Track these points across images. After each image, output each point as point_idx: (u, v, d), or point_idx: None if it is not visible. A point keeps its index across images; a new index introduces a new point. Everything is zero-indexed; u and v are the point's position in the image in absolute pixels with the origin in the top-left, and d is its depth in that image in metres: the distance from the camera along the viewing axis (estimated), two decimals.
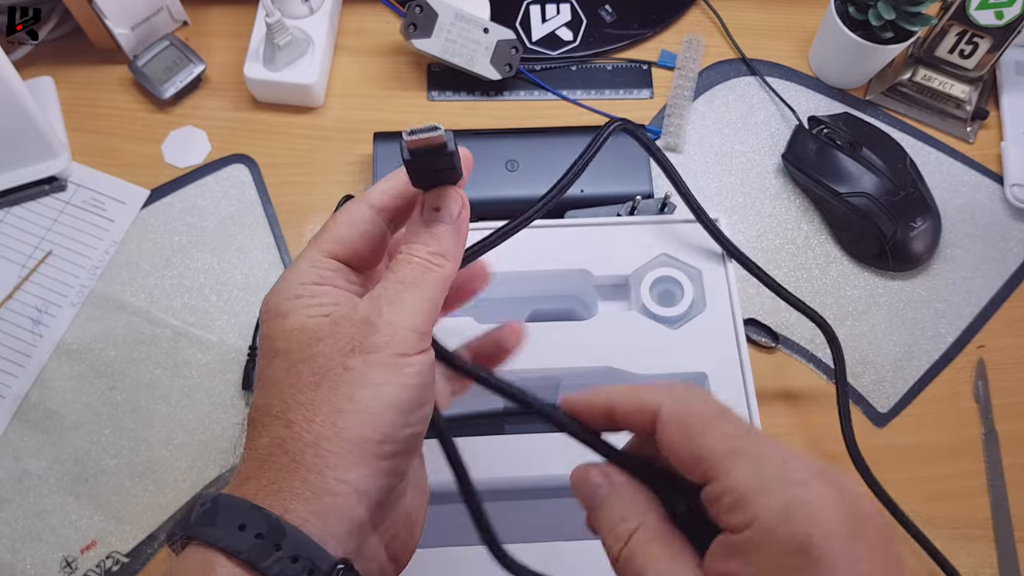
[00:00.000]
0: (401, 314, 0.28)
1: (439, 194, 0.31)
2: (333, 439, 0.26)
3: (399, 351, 0.27)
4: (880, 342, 0.59)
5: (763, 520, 0.21)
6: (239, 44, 0.66)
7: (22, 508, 0.53)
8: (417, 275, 0.29)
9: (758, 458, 0.22)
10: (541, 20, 0.69)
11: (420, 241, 0.30)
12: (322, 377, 0.27)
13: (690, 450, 0.24)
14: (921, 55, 0.66)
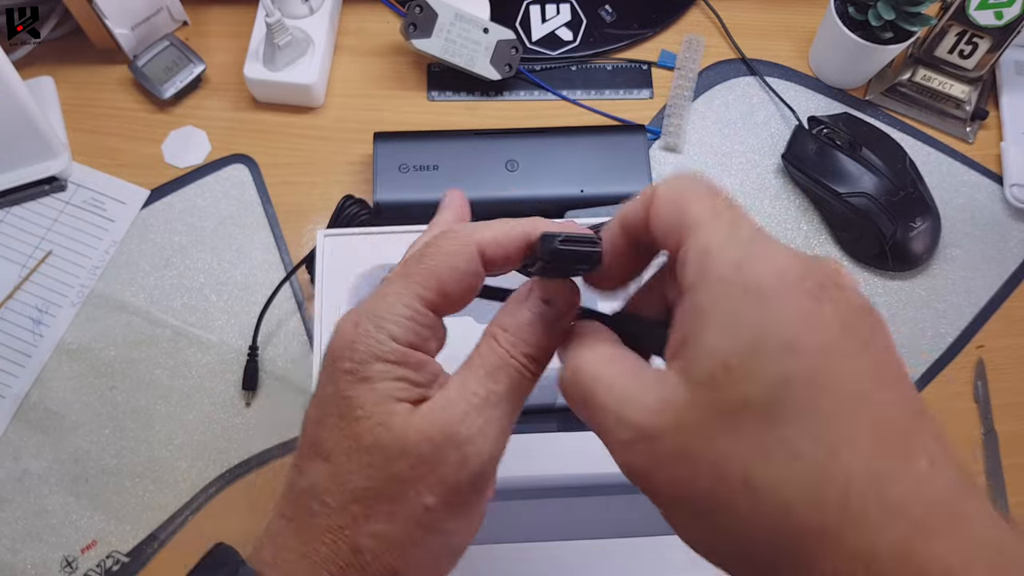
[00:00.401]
0: (493, 440, 0.25)
1: (555, 287, 0.27)
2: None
3: (479, 489, 0.25)
4: None
5: (716, 270, 0.20)
6: (239, 44, 0.66)
7: (22, 508, 0.53)
8: (513, 385, 0.26)
9: (733, 223, 0.22)
10: (541, 20, 0.69)
11: (522, 337, 0.26)
12: (399, 507, 0.24)
13: (676, 217, 0.23)
14: (921, 55, 0.66)
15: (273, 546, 0.25)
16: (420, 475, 0.24)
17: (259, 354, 0.57)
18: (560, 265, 0.25)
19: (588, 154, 0.61)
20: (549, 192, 0.60)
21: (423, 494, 0.24)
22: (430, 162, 0.60)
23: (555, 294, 0.27)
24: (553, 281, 0.27)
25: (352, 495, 0.25)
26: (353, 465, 0.25)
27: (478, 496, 0.26)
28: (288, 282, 0.59)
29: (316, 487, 0.25)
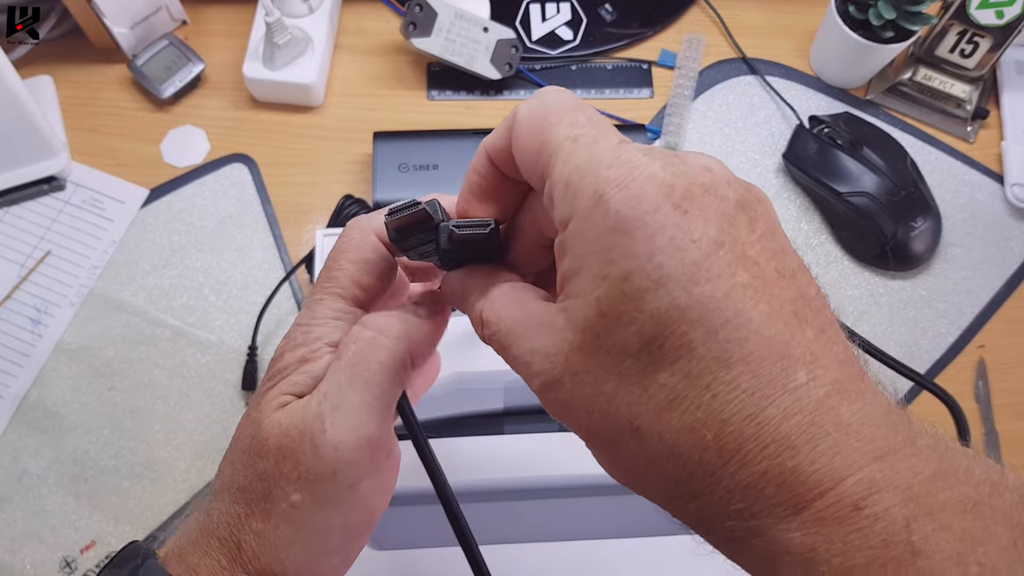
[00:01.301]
0: (346, 425, 0.24)
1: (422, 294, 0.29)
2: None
3: (347, 482, 0.24)
4: (880, 342, 0.59)
5: (580, 207, 0.19)
6: (238, 43, 0.66)
7: (21, 508, 0.53)
8: (364, 359, 0.25)
9: (590, 143, 0.20)
10: (541, 19, 0.69)
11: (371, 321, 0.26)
12: (271, 505, 0.25)
13: (535, 144, 0.21)
14: (922, 54, 0.66)
15: (181, 540, 0.26)
16: (283, 472, 0.24)
17: (258, 354, 0.57)
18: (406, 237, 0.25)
19: None
20: None
21: (288, 491, 0.24)
22: (430, 162, 0.60)
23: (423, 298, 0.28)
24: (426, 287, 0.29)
25: (236, 494, 0.26)
26: (237, 465, 0.26)
27: (348, 489, 0.24)
28: (287, 282, 0.59)
29: (219, 487, 0.27)
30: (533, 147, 0.21)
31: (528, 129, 0.22)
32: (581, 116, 0.21)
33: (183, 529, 0.27)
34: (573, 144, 0.20)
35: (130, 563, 0.25)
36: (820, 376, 0.18)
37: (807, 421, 0.18)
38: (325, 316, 0.27)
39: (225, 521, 0.26)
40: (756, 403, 0.18)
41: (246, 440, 0.26)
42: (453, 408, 0.49)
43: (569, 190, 0.20)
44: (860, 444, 0.18)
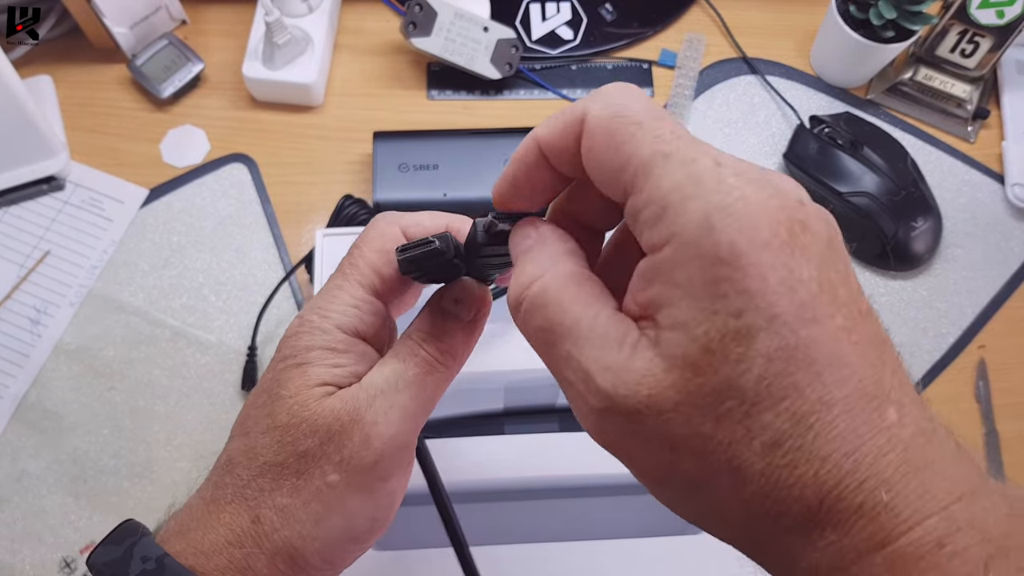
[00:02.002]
0: (397, 424, 0.26)
1: (463, 287, 0.28)
2: (285, 557, 0.25)
3: (382, 475, 0.26)
4: None
5: (684, 232, 0.18)
6: (238, 43, 0.66)
7: (21, 508, 0.53)
8: (421, 374, 0.27)
9: (687, 163, 0.19)
10: (541, 19, 0.69)
11: (431, 333, 0.28)
12: (304, 482, 0.26)
13: (616, 159, 0.20)
14: (922, 54, 0.66)
15: (183, 517, 0.26)
16: (326, 453, 0.25)
17: (258, 354, 0.57)
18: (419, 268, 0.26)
19: None
20: None
21: (327, 471, 0.25)
22: (430, 161, 0.60)
23: (463, 294, 0.28)
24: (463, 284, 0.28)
25: (261, 469, 0.26)
26: (267, 440, 0.26)
27: (381, 482, 0.26)
28: (287, 282, 0.59)
29: (231, 461, 0.27)
30: (613, 161, 0.20)
31: (605, 140, 0.21)
32: (665, 128, 0.20)
33: (185, 505, 0.27)
34: (666, 161, 0.19)
35: (127, 540, 0.25)
36: (907, 415, 0.19)
37: (899, 459, 0.18)
38: (344, 303, 0.27)
39: (242, 495, 0.26)
40: (853, 442, 0.18)
41: (282, 417, 0.26)
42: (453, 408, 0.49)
43: (668, 213, 0.19)
44: (945, 483, 0.18)
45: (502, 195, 0.25)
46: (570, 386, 0.21)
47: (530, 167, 0.24)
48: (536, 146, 0.23)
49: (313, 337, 0.27)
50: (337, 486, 0.25)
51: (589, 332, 0.20)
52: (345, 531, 0.26)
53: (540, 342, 0.22)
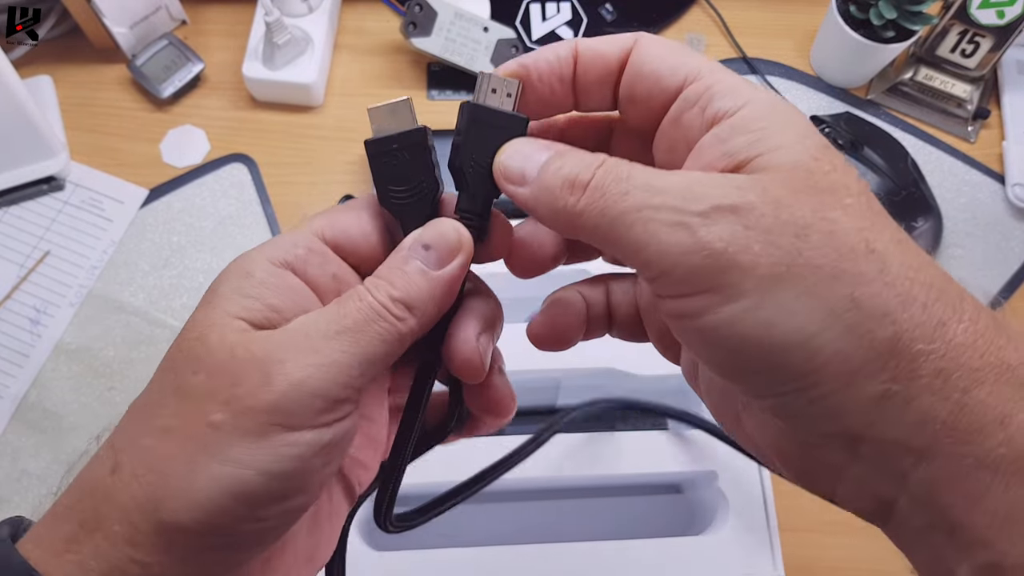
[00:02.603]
0: (312, 370, 0.21)
1: (438, 229, 0.24)
2: (146, 511, 0.20)
3: (283, 420, 0.21)
4: None
5: (760, 98, 0.21)
6: (238, 43, 0.65)
7: (21, 508, 0.53)
8: (362, 321, 0.22)
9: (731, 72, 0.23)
10: (541, 19, 0.69)
11: (388, 280, 0.23)
12: (181, 422, 0.21)
13: (678, 70, 0.22)
14: (922, 54, 0.66)
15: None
16: (213, 390, 0.21)
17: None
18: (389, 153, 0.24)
19: None
20: None
21: (211, 410, 0.21)
22: None
23: (437, 240, 0.24)
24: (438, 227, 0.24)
25: (132, 412, 0.23)
26: (152, 384, 0.23)
27: (281, 430, 0.21)
28: None
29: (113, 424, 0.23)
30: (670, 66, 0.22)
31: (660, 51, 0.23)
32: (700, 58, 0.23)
33: None
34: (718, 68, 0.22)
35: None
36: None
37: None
38: (283, 239, 0.24)
39: (108, 444, 0.22)
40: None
41: (173, 352, 0.22)
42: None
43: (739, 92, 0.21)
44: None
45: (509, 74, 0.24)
46: (657, 211, 0.19)
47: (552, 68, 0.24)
48: (573, 51, 0.24)
49: (236, 266, 0.23)
50: (222, 427, 0.20)
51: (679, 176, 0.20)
52: (231, 486, 0.20)
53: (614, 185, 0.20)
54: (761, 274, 0.19)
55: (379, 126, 0.25)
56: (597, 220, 0.20)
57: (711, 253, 0.19)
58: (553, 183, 0.21)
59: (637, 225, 0.20)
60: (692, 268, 0.19)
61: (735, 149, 0.20)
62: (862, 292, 0.18)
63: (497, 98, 0.23)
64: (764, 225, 0.19)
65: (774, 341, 0.19)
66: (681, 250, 0.19)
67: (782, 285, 0.18)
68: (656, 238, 0.19)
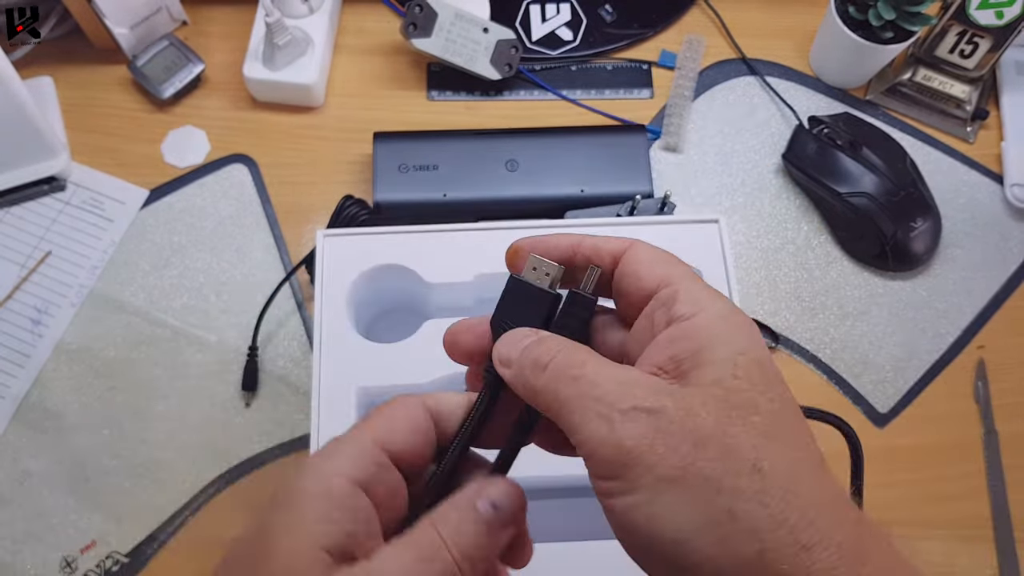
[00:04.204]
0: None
1: (506, 491, 0.25)
2: None
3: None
4: (880, 342, 0.59)
5: (716, 308, 0.24)
6: (239, 44, 0.66)
7: (22, 508, 0.53)
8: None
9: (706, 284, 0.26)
10: (541, 20, 0.69)
11: (462, 532, 0.24)
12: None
13: (657, 275, 0.26)
14: (921, 55, 0.66)
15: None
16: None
17: (259, 355, 0.57)
18: None
19: (588, 154, 0.61)
20: (549, 192, 0.60)
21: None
22: (430, 162, 0.60)
23: (504, 498, 0.25)
24: (503, 485, 0.26)
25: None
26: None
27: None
28: (288, 282, 0.59)
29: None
30: (655, 276, 0.26)
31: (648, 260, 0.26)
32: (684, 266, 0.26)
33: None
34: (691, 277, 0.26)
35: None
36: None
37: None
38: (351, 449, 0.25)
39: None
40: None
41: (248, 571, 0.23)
42: None
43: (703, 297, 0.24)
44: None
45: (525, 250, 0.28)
46: (594, 399, 0.22)
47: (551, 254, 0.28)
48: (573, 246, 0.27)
49: (306, 478, 0.24)
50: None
51: (609, 364, 0.24)
52: None
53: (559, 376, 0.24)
54: (658, 474, 0.21)
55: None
56: (551, 400, 0.23)
57: (621, 447, 0.21)
58: (524, 363, 0.25)
59: (577, 411, 0.22)
60: (606, 457, 0.22)
61: (678, 354, 0.23)
62: (739, 507, 0.20)
63: (536, 275, 0.27)
64: (671, 430, 0.21)
65: (656, 535, 0.21)
66: (601, 440, 0.22)
67: (673, 487, 0.21)
68: (586, 425, 0.22)
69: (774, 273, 0.61)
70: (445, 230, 0.49)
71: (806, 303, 0.60)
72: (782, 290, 0.61)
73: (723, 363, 0.22)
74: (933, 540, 0.53)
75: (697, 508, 0.20)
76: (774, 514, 0.20)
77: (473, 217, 0.59)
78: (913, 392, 0.58)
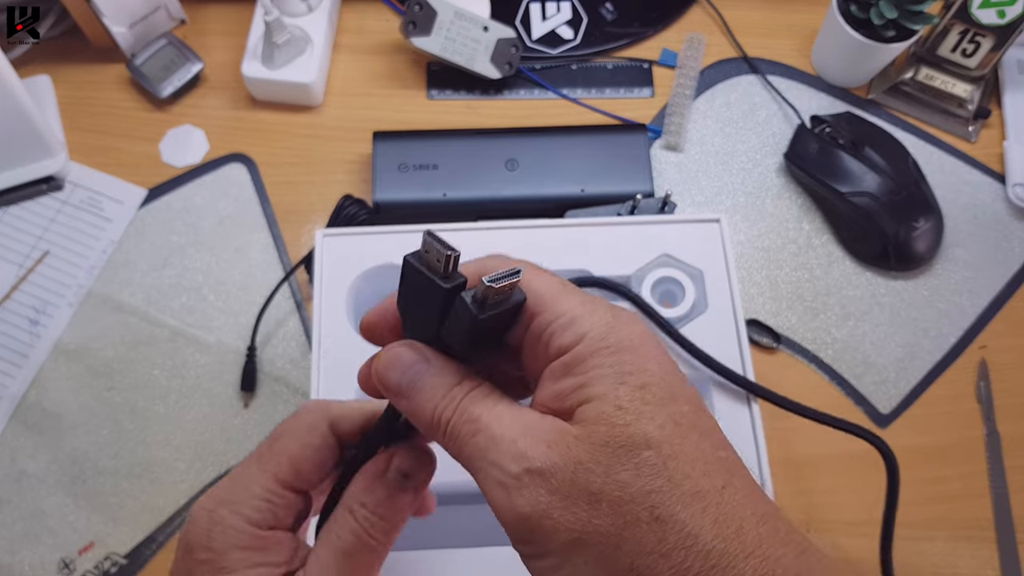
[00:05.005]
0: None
1: (414, 457, 0.27)
2: None
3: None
4: (882, 342, 0.59)
5: (595, 331, 0.23)
6: (237, 42, 0.65)
7: (20, 509, 0.53)
8: (369, 565, 0.26)
9: (571, 292, 0.24)
10: (541, 18, 0.69)
11: (380, 515, 0.26)
12: None
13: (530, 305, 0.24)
14: (923, 54, 0.66)
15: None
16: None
17: (257, 355, 0.57)
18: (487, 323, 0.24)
19: (589, 153, 0.61)
20: (549, 191, 0.60)
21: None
22: (430, 161, 0.60)
23: (414, 467, 0.27)
24: (412, 453, 0.27)
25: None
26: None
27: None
28: (287, 282, 0.59)
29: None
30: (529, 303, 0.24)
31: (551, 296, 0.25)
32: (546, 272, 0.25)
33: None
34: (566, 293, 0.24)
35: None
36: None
37: None
38: (256, 496, 0.26)
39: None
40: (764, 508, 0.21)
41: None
42: None
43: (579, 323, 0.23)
44: None
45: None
46: (491, 463, 0.22)
47: None
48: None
49: (227, 536, 0.25)
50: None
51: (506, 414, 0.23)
52: None
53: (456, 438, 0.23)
54: (560, 540, 0.20)
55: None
56: (456, 454, 0.23)
57: (520, 516, 0.21)
58: (424, 409, 0.24)
59: (479, 474, 0.22)
60: (511, 524, 0.22)
61: (563, 391, 0.22)
62: (640, 563, 0.20)
63: (431, 260, 0.24)
64: (564, 491, 0.21)
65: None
66: (502, 508, 0.22)
67: (575, 550, 0.20)
68: (489, 492, 0.22)
69: (775, 273, 0.61)
70: (445, 230, 0.49)
71: (808, 303, 0.60)
72: (783, 290, 0.60)
73: (604, 398, 0.21)
74: (935, 541, 0.53)
75: (602, 567, 0.20)
76: (674, 565, 0.19)
77: (473, 217, 0.59)
78: (915, 393, 0.58)
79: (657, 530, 0.20)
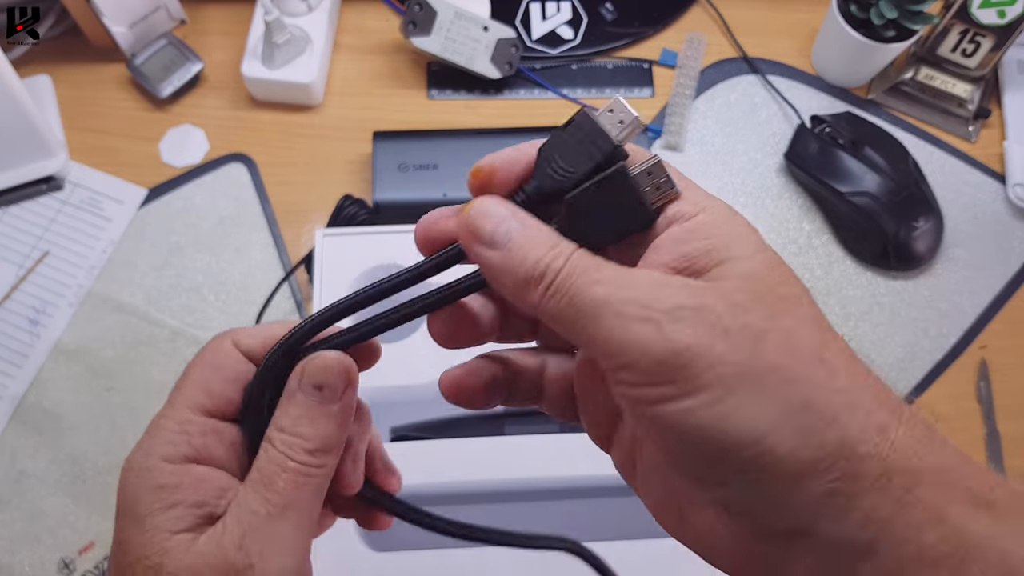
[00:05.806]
0: (280, 558, 0.23)
1: (320, 366, 0.24)
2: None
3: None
4: (882, 342, 0.59)
5: (715, 206, 0.22)
6: (237, 42, 0.65)
7: (20, 509, 0.53)
8: (296, 489, 0.23)
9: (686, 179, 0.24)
10: (541, 18, 0.69)
11: (298, 434, 0.24)
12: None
13: None
14: (923, 54, 0.66)
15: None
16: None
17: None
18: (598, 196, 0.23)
19: None
20: None
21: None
22: (430, 161, 0.60)
23: (326, 376, 0.24)
24: (322, 363, 0.25)
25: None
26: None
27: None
28: (287, 282, 0.59)
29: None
30: None
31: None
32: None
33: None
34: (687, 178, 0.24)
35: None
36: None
37: None
38: (168, 430, 0.24)
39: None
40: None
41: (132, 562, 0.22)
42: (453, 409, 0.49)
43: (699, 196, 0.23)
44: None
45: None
46: (626, 306, 0.20)
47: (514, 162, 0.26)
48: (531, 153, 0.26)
49: (140, 480, 0.23)
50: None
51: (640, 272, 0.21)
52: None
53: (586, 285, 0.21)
54: (721, 372, 0.19)
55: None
56: (563, 306, 0.21)
57: (676, 348, 0.19)
58: (527, 258, 0.21)
59: (605, 317, 0.20)
60: (657, 360, 0.20)
61: (692, 253, 0.21)
62: (814, 396, 0.19)
63: (611, 119, 0.24)
64: (724, 325, 0.20)
65: (728, 435, 0.19)
66: (646, 344, 0.20)
67: (740, 383, 0.19)
68: (623, 330, 0.20)
69: None
70: None
71: None
72: None
73: (752, 259, 0.21)
74: None
75: (772, 401, 0.19)
76: (849, 400, 0.19)
77: None
78: (915, 393, 0.58)
79: (827, 369, 0.20)
